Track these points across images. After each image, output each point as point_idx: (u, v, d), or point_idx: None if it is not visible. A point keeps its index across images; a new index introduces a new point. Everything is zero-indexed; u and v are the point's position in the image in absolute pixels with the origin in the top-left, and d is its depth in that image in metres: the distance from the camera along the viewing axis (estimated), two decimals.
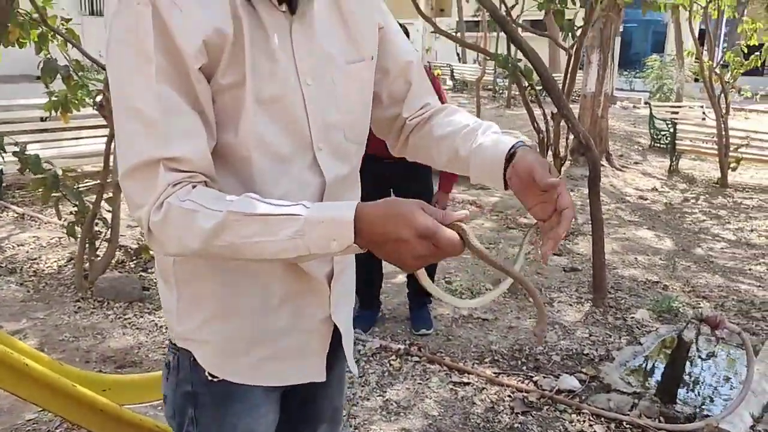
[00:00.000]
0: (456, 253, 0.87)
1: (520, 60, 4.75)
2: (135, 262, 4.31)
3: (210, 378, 1.08)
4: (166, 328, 3.53)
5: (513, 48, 4.73)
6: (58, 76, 3.77)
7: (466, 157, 1.09)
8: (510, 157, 1.02)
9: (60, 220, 3.97)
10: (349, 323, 1.21)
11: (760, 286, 4.64)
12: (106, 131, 6.12)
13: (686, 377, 3.08)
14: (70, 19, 4.29)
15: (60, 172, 3.67)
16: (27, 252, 4.53)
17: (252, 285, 1.07)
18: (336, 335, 1.17)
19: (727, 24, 17.50)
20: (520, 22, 5.19)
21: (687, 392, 3.08)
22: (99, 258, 4.01)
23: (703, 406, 2.95)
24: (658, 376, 3.16)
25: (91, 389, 2.01)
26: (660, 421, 2.70)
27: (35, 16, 3.86)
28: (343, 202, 0.92)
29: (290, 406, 1.22)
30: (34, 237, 4.81)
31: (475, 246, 0.89)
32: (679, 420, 2.69)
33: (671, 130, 9.14)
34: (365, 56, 1.10)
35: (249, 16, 0.94)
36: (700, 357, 3.16)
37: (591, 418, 2.80)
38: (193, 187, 0.92)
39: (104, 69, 4.17)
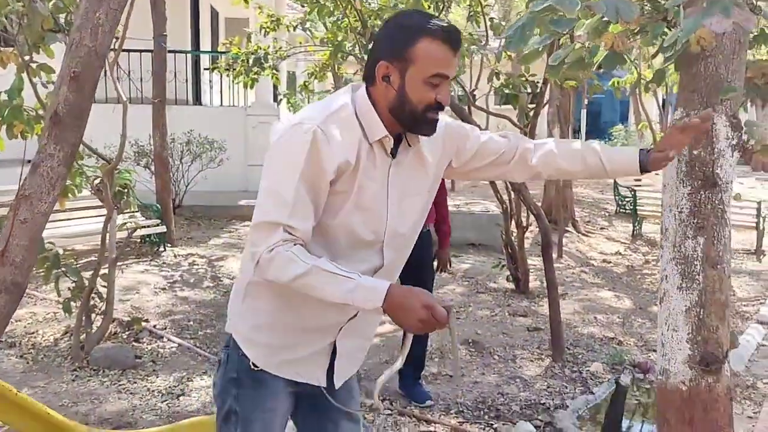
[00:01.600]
0: (443, 322, 1.39)
1: None
2: (127, 333, 4.62)
3: (252, 367, 1.61)
4: (160, 392, 3.83)
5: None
6: None
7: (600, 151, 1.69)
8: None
9: (59, 296, 4.29)
10: (349, 353, 1.70)
11: None
12: (96, 212, 6.52)
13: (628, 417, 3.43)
14: None
15: (61, 252, 4.03)
16: (24, 327, 4.82)
17: (293, 313, 1.60)
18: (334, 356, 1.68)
19: None
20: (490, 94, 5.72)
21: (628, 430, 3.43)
22: (94, 330, 4.33)
23: None
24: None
25: None
26: None
27: (40, 111, 4.29)
28: (382, 280, 1.48)
29: (303, 403, 1.74)
30: (30, 313, 5.11)
31: (451, 324, 1.43)
32: None
33: (633, 197, 9.71)
34: (422, 192, 1.67)
35: (366, 155, 1.52)
36: (638, 394, 3.50)
37: None
38: (294, 245, 1.45)
39: (97, 155, 4.56)
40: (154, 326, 4.83)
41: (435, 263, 4.01)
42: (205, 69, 11.44)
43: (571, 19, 1.96)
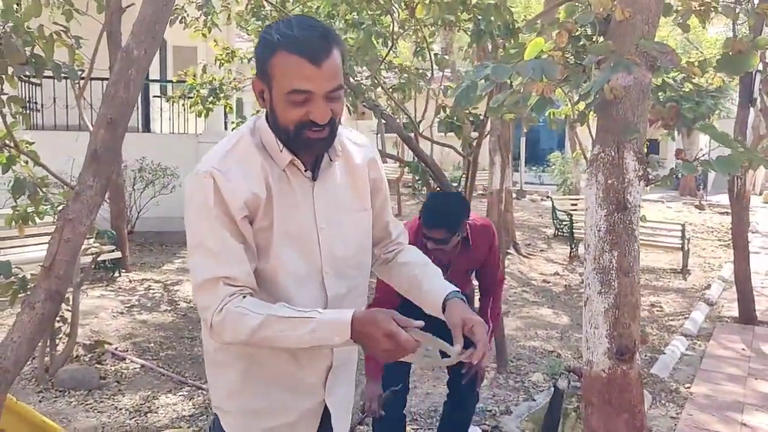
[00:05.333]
0: (410, 348, 1.30)
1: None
2: (90, 355, 4.75)
3: None
4: (126, 410, 3.99)
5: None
6: None
7: (426, 292, 1.58)
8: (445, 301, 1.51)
9: None
10: (342, 405, 1.58)
11: None
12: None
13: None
14: (33, 142, 4.89)
15: (29, 276, 4.16)
16: None
17: (265, 373, 1.49)
18: (326, 416, 1.56)
19: None
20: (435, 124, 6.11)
21: (572, 429, 3.79)
22: (59, 353, 4.44)
23: None
24: None
25: None
26: None
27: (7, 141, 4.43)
28: (345, 309, 1.37)
29: None
30: None
31: (422, 338, 1.33)
32: None
33: (569, 220, 10.28)
34: (367, 207, 1.58)
35: (280, 181, 1.42)
36: (575, 399, 3.87)
37: None
38: (244, 297, 1.36)
39: (62, 182, 4.73)
40: (116, 348, 4.97)
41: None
42: (154, 96, 11.57)
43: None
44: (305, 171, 1.45)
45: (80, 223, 1.66)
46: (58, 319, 4.42)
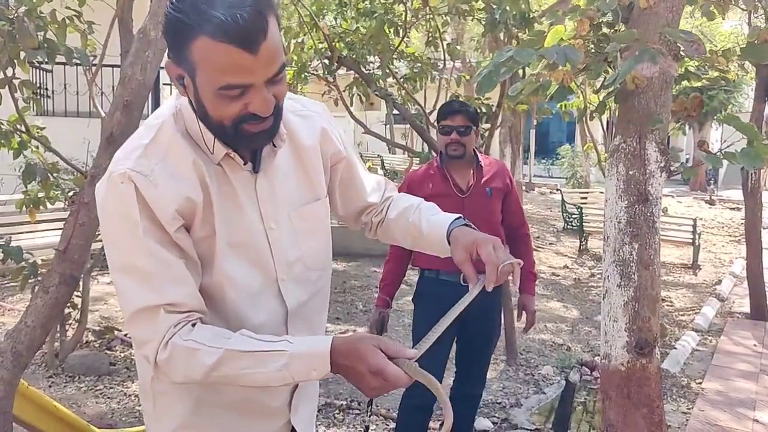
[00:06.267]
0: (402, 384, 1.05)
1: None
2: (99, 341, 4.75)
3: None
4: (136, 396, 3.99)
5: None
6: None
7: (427, 235, 1.33)
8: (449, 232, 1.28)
9: None
10: (308, 419, 1.38)
11: None
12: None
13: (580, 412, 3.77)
14: (44, 128, 4.88)
15: (39, 261, 4.16)
16: None
17: (220, 401, 1.25)
18: None
19: None
20: None
21: (577, 423, 3.77)
22: (68, 338, 4.45)
23: None
24: None
25: None
26: None
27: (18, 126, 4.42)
28: (322, 336, 1.13)
29: None
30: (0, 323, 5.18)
31: (414, 373, 1.05)
32: None
33: (579, 214, 10.23)
34: (321, 196, 1.31)
35: (217, 179, 1.16)
36: (584, 393, 3.85)
37: None
38: (193, 325, 1.11)
39: (73, 167, 4.73)
40: (126, 335, 4.97)
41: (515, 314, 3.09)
42: (164, 84, 11.53)
43: None
44: (244, 164, 1.19)
45: (95, 207, 1.64)
46: (68, 304, 4.43)
